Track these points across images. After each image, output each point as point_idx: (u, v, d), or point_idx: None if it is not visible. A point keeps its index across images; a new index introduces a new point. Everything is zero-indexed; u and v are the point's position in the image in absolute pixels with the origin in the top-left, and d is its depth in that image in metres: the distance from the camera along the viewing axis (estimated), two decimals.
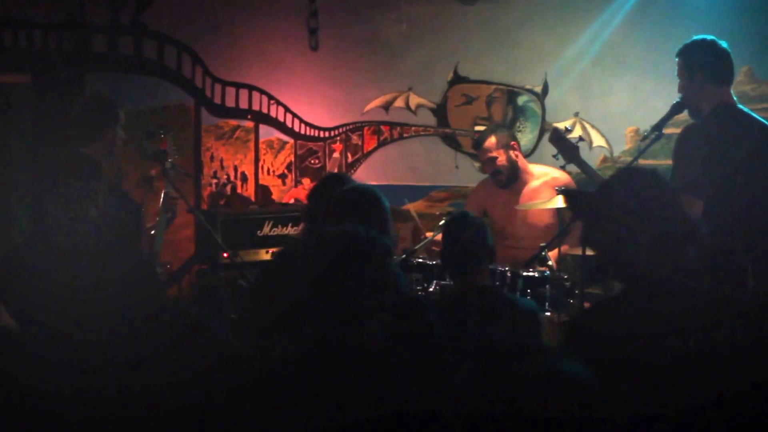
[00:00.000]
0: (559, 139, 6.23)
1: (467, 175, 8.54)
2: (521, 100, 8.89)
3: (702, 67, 5.38)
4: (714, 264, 4.27)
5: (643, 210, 3.28)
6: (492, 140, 6.96)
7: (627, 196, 3.33)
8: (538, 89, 8.81)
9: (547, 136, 8.35)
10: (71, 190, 5.08)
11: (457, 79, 8.88)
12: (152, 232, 6.17)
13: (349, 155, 8.95)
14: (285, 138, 8.81)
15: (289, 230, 7.69)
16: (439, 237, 6.32)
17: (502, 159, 6.96)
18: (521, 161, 7.09)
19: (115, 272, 5.29)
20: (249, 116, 8.63)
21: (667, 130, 5.57)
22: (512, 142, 7.05)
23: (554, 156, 6.37)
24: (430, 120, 8.94)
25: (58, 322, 4.91)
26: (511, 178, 7.01)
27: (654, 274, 3.27)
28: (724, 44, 5.47)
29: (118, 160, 6.22)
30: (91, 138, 5.75)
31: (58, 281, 5.12)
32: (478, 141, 7.10)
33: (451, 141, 8.96)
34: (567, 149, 6.21)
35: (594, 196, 3.54)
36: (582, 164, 6.20)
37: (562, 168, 6.64)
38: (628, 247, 3.29)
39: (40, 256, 5.03)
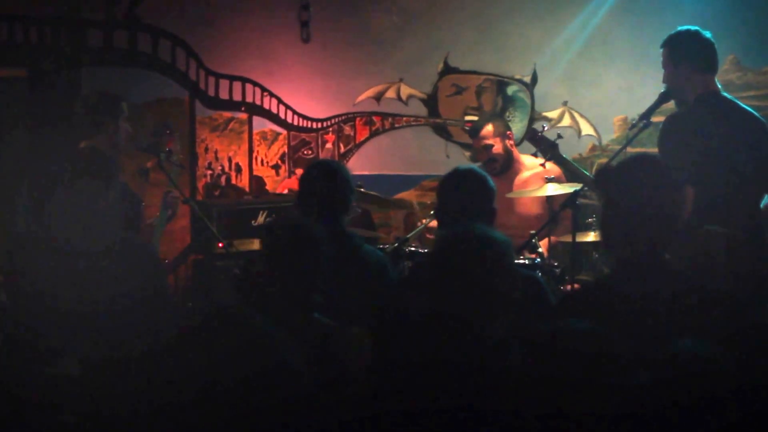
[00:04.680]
0: (537, 138, 6.30)
1: (458, 164, 8.52)
2: (511, 89, 8.96)
3: (687, 57, 5.44)
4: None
5: (644, 195, 3.47)
6: (489, 128, 6.99)
7: (632, 181, 3.53)
8: (528, 79, 8.88)
9: (536, 124, 8.48)
10: (83, 186, 5.13)
11: (448, 70, 8.95)
12: (153, 223, 6.25)
13: (341, 146, 9.02)
14: (278, 129, 8.89)
15: None
16: (432, 224, 6.43)
17: (498, 147, 6.99)
18: (515, 151, 7.15)
19: (121, 266, 5.34)
20: (242, 108, 8.70)
21: (654, 119, 5.62)
22: (508, 132, 7.10)
23: (533, 154, 6.44)
24: (421, 110, 9.01)
25: (64, 319, 4.96)
26: (505, 167, 7.05)
27: (642, 253, 3.44)
28: (708, 34, 5.53)
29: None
30: (93, 131, 5.82)
31: (63, 277, 5.17)
32: (475, 128, 7.10)
33: (442, 131, 9.03)
34: (545, 147, 6.28)
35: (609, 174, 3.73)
36: (562, 160, 6.27)
37: (543, 165, 6.67)
38: (624, 224, 3.48)
39: (44, 251, 5.06)
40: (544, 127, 6.44)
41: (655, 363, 2.77)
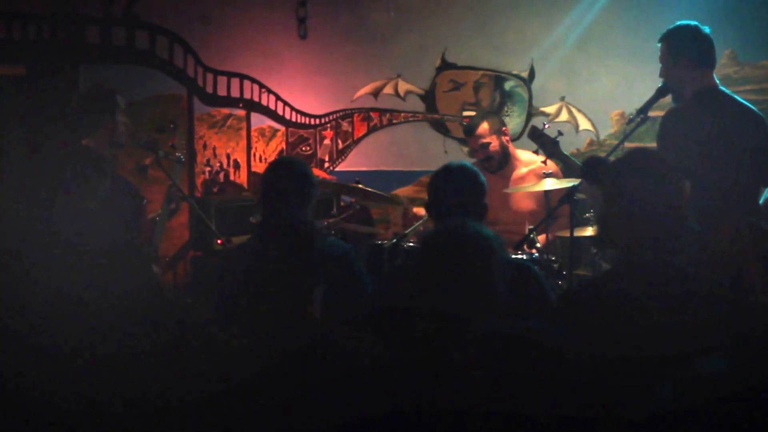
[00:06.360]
0: (538, 135, 6.30)
1: (456, 159, 8.59)
2: (508, 85, 8.97)
3: (685, 51, 5.46)
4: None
5: (647, 189, 3.46)
6: (485, 126, 6.99)
7: (635, 175, 3.52)
8: (525, 74, 8.89)
9: (534, 120, 8.49)
10: (73, 186, 5.14)
11: (445, 66, 8.96)
12: (155, 218, 6.25)
13: (339, 142, 9.03)
14: (276, 125, 8.89)
15: None
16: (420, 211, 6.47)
17: (494, 145, 7.00)
18: (511, 147, 7.15)
19: (111, 266, 5.35)
20: (240, 104, 8.70)
21: (652, 113, 5.63)
22: (503, 128, 7.11)
23: (535, 152, 6.45)
24: (419, 106, 9.02)
25: (52, 320, 4.96)
26: (502, 164, 7.06)
27: (647, 249, 3.43)
28: (706, 29, 5.55)
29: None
30: (92, 128, 5.83)
31: (55, 275, 5.17)
32: (471, 127, 7.09)
33: (440, 126, 9.04)
34: (547, 144, 6.28)
35: (608, 168, 3.71)
36: (564, 158, 6.27)
37: (544, 163, 6.66)
38: (628, 219, 3.47)
39: (37, 250, 5.06)
40: (545, 125, 6.42)
41: (679, 381, 2.75)
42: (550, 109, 8.82)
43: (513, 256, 5.75)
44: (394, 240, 6.19)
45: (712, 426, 2.61)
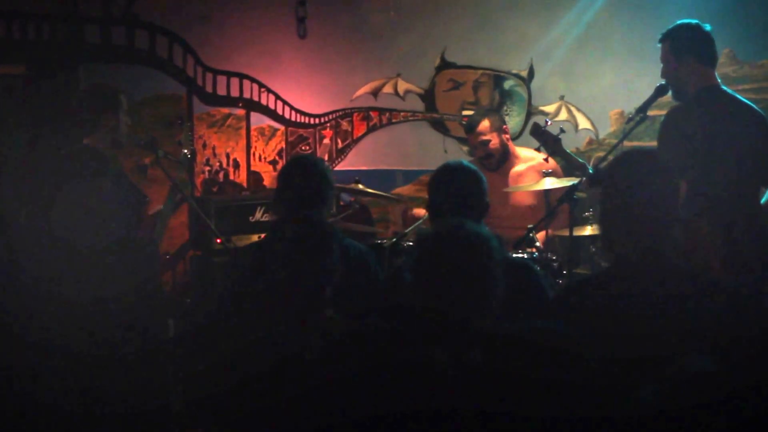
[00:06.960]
0: (540, 132, 6.30)
1: (455, 158, 8.59)
2: (507, 84, 8.98)
3: (689, 50, 5.47)
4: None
5: (639, 191, 3.48)
6: (485, 124, 7.01)
7: (625, 178, 3.54)
8: (524, 73, 8.90)
9: (533, 119, 8.49)
10: (77, 186, 5.14)
11: (445, 65, 8.97)
12: (160, 211, 6.26)
13: (339, 141, 9.03)
14: (276, 125, 8.89)
15: None
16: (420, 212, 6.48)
17: (495, 142, 7.01)
18: (510, 145, 7.17)
19: (112, 265, 5.36)
20: (240, 104, 8.70)
21: (651, 112, 5.65)
22: (504, 126, 7.12)
23: (537, 149, 6.45)
24: (419, 105, 9.03)
25: (53, 318, 4.96)
26: (501, 162, 7.08)
27: (642, 250, 3.45)
28: (707, 27, 5.57)
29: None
30: (93, 126, 5.84)
31: (56, 275, 5.18)
32: (472, 124, 7.12)
33: (440, 126, 9.05)
34: (549, 142, 6.29)
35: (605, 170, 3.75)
36: (566, 155, 6.28)
37: (546, 161, 6.67)
38: (625, 219, 3.49)
39: (37, 249, 5.06)
40: (547, 122, 6.42)
41: (660, 379, 2.76)
42: (550, 108, 8.83)
43: (513, 255, 5.76)
44: (394, 239, 6.19)
45: (704, 425, 2.62)
